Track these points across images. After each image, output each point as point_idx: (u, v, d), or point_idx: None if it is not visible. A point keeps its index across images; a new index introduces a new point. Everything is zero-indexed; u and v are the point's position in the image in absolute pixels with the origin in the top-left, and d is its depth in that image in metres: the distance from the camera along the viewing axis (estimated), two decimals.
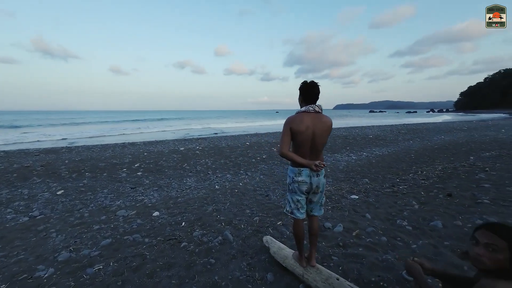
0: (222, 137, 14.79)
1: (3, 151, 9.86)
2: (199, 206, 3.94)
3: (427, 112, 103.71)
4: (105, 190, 4.98)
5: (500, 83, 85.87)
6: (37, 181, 5.65)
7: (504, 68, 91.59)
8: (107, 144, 12.01)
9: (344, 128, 20.53)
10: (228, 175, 5.99)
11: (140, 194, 4.71)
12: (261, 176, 5.84)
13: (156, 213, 3.68)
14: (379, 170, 5.93)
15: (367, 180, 5.09)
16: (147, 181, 5.56)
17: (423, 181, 4.80)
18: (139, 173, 6.23)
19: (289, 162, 1.96)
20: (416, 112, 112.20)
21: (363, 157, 7.90)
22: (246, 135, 15.99)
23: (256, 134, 16.06)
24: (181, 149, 10.01)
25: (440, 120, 33.91)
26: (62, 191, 4.94)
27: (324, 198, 2.04)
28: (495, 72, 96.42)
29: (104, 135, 17.46)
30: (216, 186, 5.14)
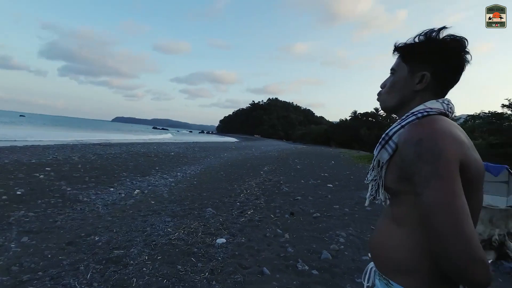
0: None
1: None
2: None
3: (199, 132, 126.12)
4: None
5: (239, 117, 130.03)
6: None
7: (240, 108, 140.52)
8: None
9: (138, 143, 18.25)
10: None
11: None
12: None
13: None
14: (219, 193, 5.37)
15: (211, 209, 4.26)
16: None
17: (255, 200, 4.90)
18: None
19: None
20: (191, 132, 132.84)
21: (181, 177, 7.04)
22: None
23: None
24: None
25: (216, 140, 41.98)
26: None
27: None
28: (237, 109, 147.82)
29: None
30: None
